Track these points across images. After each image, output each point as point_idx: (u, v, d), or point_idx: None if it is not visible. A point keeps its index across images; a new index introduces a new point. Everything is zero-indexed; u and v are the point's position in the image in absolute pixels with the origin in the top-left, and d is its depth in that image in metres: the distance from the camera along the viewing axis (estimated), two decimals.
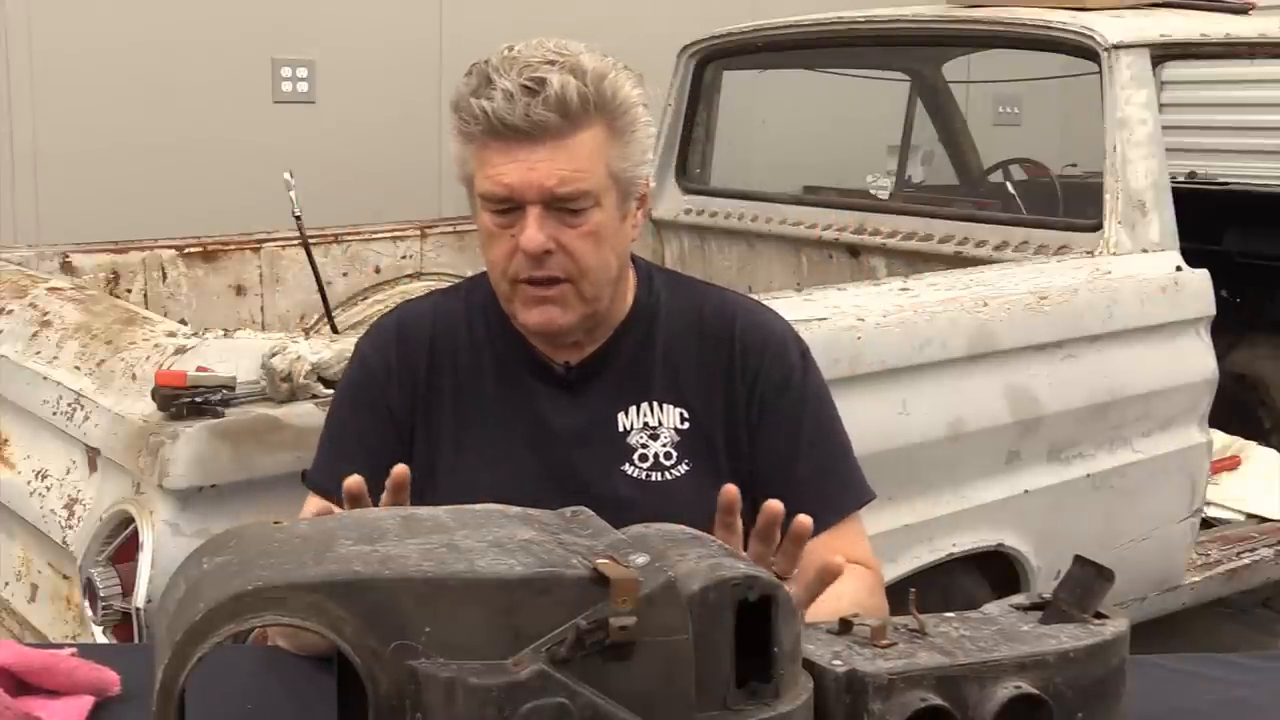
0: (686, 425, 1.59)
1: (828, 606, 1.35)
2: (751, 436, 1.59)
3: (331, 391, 1.87)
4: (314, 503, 1.57)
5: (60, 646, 1.34)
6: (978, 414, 2.51)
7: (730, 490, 1.30)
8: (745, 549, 1.28)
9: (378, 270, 3.48)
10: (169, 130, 3.91)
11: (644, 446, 1.58)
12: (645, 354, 1.61)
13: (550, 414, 1.59)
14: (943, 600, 2.22)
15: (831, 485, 1.60)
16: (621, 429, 1.58)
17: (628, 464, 1.57)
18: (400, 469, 1.29)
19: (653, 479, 1.57)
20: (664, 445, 1.58)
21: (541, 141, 1.45)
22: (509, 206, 1.49)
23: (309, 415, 1.87)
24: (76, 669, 1.24)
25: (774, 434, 1.59)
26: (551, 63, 1.46)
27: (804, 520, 1.27)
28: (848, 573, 1.53)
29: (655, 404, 1.59)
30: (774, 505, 1.26)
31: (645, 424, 1.59)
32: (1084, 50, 2.95)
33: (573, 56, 1.47)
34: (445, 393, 1.60)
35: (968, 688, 1.06)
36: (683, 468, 1.58)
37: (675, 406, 1.59)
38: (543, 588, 0.96)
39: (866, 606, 1.49)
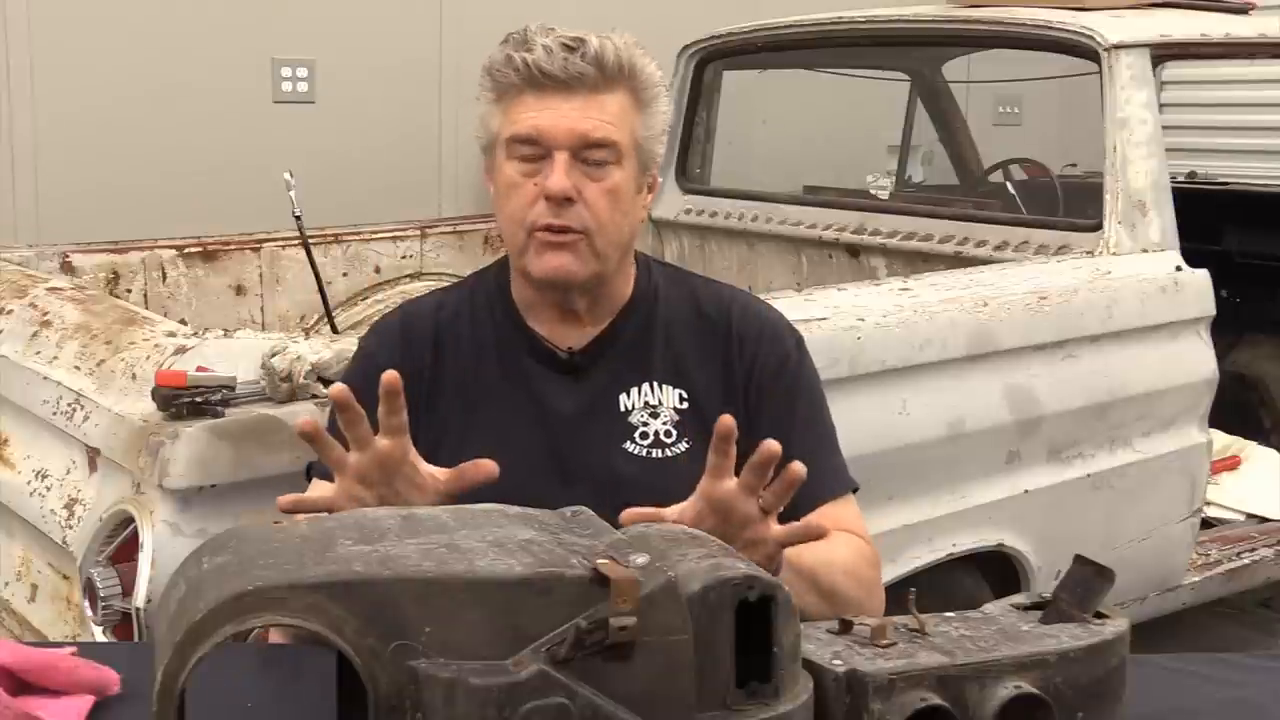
0: (686, 405, 1.63)
1: (820, 555, 1.44)
2: (749, 420, 1.62)
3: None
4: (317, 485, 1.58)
5: (60, 646, 1.34)
6: (978, 414, 2.51)
7: (726, 419, 1.34)
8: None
9: (378, 270, 3.48)
10: (169, 130, 3.90)
11: (645, 425, 1.62)
12: (646, 338, 1.65)
13: (553, 397, 1.62)
14: (943, 600, 2.22)
15: (822, 468, 1.63)
16: (623, 408, 1.62)
17: (629, 442, 1.61)
18: (390, 374, 1.33)
19: (654, 456, 1.61)
20: (664, 424, 1.62)
21: (577, 93, 1.53)
22: (535, 153, 1.54)
23: (309, 415, 1.86)
24: (77, 668, 1.24)
25: (769, 417, 1.63)
26: (587, 33, 1.55)
27: (797, 465, 1.32)
28: (845, 538, 1.57)
29: (655, 384, 1.63)
30: (771, 445, 1.31)
31: (646, 403, 1.62)
32: (1084, 50, 2.95)
33: (605, 32, 1.57)
34: (449, 383, 1.63)
35: (968, 688, 1.06)
36: (683, 445, 1.61)
37: (675, 387, 1.64)
38: (543, 588, 0.96)
39: (863, 575, 1.54)
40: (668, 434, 1.61)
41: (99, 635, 1.78)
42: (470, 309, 1.67)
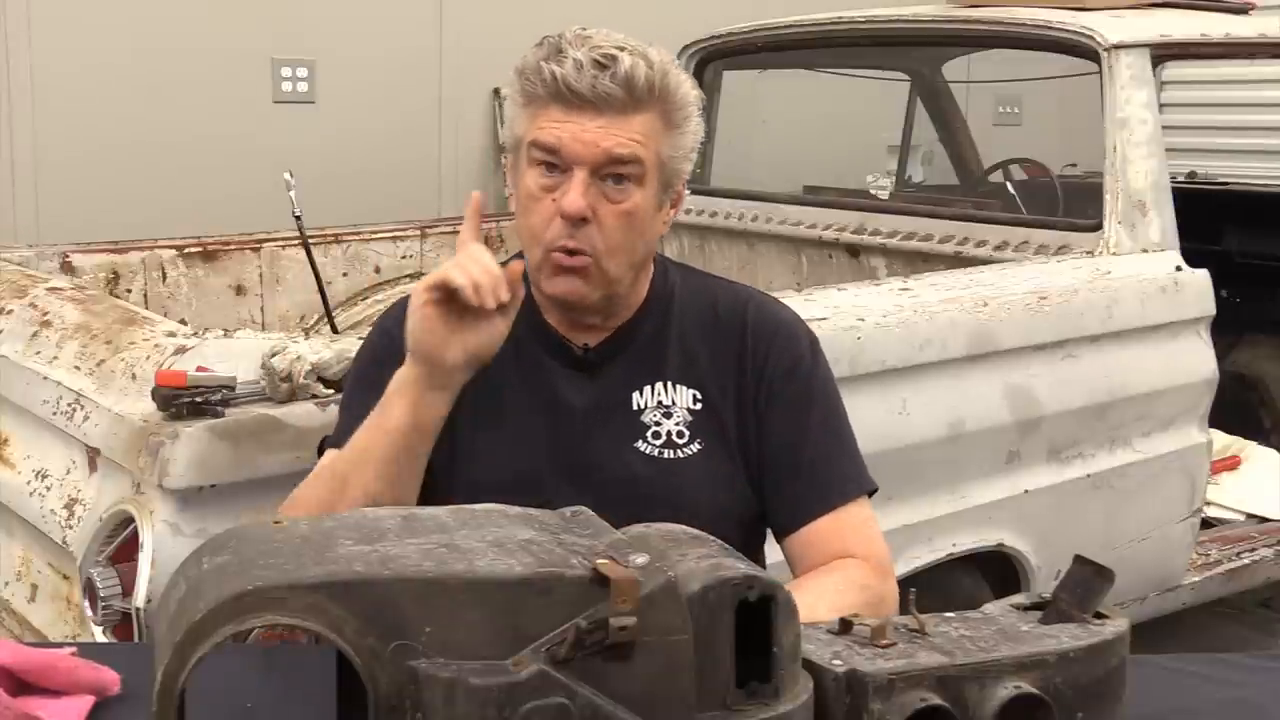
0: (699, 406, 1.62)
1: (808, 602, 1.36)
2: (760, 422, 1.62)
3: (332, 392, 1.87)
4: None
5: (60, 646, 1.34)
6: (978, 414, 2.51)
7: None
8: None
9: (378, 270, 3.48)
10: (169, 130, 3.91)
11: (657, 424, 1.61)
12: (661, 337, 1.64)
13: (567, 393, 1.62)
14: (943, 600, 2.22)
15: (835, 472, 1.63)
16: (636, 407, 1.61)
17: (641, 441, 1.60)
18: (476, 195, 1.49)
19: (665, 456, 1.60)
20: (677, 424, 1.61)
21: (602, 113, 1.51)
22: (555, 163, 1.53)
23: (309, 415, 1.86)
24: (77, 669, 1.24)
25: (781, 420, 1.62)
26: (621, 48, 1.52)
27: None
28: (843, 573, 1.54)
29: (669, 384, 1.63)
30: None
31: (659, 403, 1.62)
32: (1084, 50, 2.95)
33: (642, 47, 1.54)
34: None
35: (968, 688, 1.06)
36: (695, 446, 1.60)
37: (689, 388, 1.63)
38: (543, 588, 0.96)
39: (854, 601, 1.47)
40: (680, 434, 1.60)
41: (99, 635, 1.78)
42: None
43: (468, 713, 0.93)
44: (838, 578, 1.54)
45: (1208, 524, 3.24)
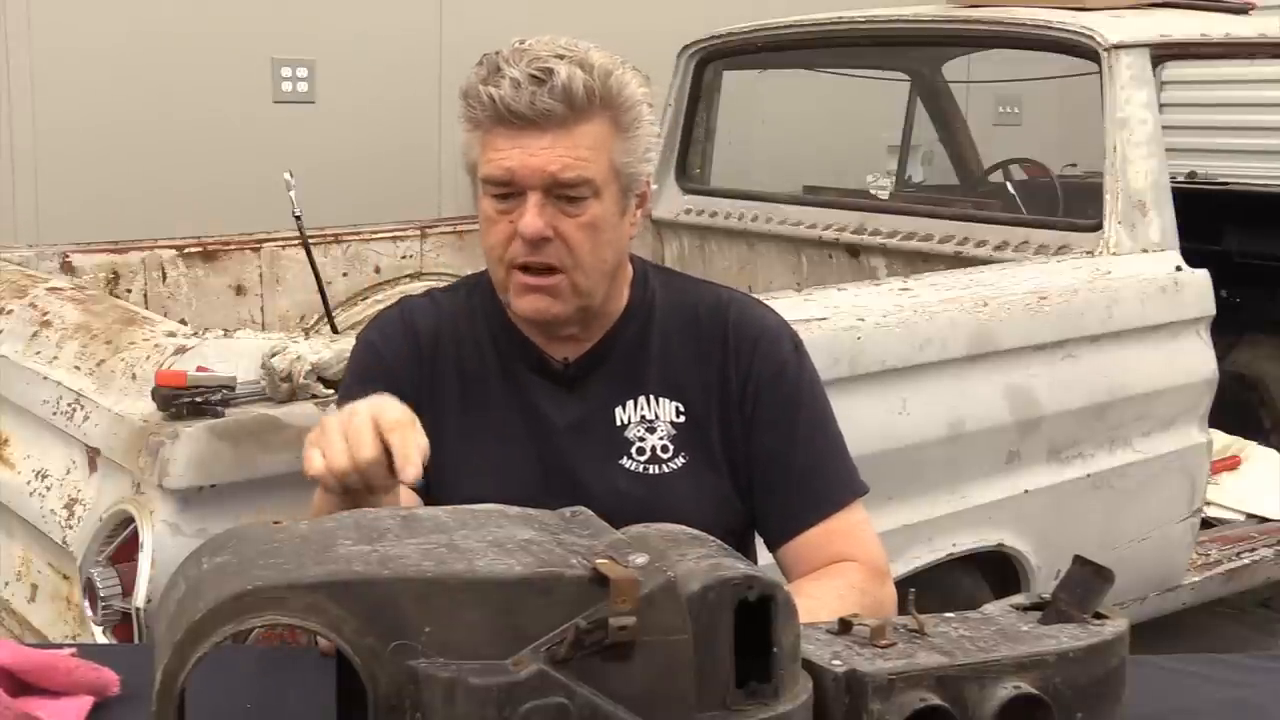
0: (683, 418, 1.61)
1: (807, 607, 1.35)
2: (746, 429, 1.61)
3: (332, 392, 1.87)
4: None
5: (60, 646, 1.34)
6: (978, 414, 2.51)
7: None
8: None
9: (378, 270, 3.48)
10: (169, 131, 3.91)
11: (641, 440, 1.60)
12: (641, 349, 1.62)
13: (549, 409, 1.60)
14: (943, 600, 2.22)
15: (827, 478, 1.61)
16: (619, 423, 1.60)
17: (625, 458, 1.59)
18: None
19: (650, 472, 1.59)
20: (661, 438, 1.59)
21: (545, 130, 1.48)
22: (510, 191, 1.51)
23: (309, 415, 1.86)
24: (76, 669, 1.24)
25: (768, 427, 1.60)
26: (560, 56, 1.49)
27: None
28: (840, 579, 1.53)
29: (651, 398, 1.61)
30: None
31: (642, 417, 1.60)
32: (1084, 50, 2.95)
33: (581, 52, 1.51)
34: (449, 385, 1.61)
35: (967, 688, 1.06)
36: (680, 460, 1.59)
37: (671, 400, 1.61)
38: (543, 588, 0.96)
39: (853, 605, 1.46)
40: (664, 449, 1.59)
41: (99, 635, 1.78)
42: (468, 315, 1.65)
43: (467, 712, 0.93)
44: (837, 582, 1.53)
45: (1208, 524, 3.24)
